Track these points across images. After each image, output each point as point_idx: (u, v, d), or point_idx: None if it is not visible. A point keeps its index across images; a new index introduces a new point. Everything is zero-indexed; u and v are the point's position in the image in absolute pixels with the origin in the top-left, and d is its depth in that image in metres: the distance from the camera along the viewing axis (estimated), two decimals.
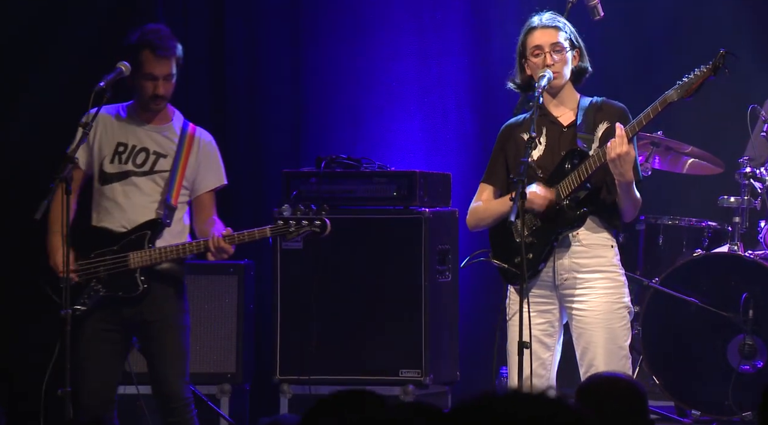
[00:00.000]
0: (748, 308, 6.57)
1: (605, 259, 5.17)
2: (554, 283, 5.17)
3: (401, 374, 6.67)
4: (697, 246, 6.95)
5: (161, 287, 5.47)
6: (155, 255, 5.42)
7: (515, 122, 5.32)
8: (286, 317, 6.77)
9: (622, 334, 5.15)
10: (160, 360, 5.45)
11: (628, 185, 5.06)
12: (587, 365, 5.15)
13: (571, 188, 5.13)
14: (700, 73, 5.04)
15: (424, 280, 6.71)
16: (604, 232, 5.19)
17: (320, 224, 5.40)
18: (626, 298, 5.19)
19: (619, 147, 4.98)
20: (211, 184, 5.58)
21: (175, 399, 5.43)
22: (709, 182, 7.26)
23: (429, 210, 6.79)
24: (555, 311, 5.20)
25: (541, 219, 5.14)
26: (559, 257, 5.15)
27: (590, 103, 5.25)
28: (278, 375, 6.75)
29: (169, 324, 5.46)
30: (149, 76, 5.45)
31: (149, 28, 5.55)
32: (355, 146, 7.52)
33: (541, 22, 5.23)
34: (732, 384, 6.50)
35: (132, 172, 5.51)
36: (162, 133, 5.56)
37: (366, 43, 7.87)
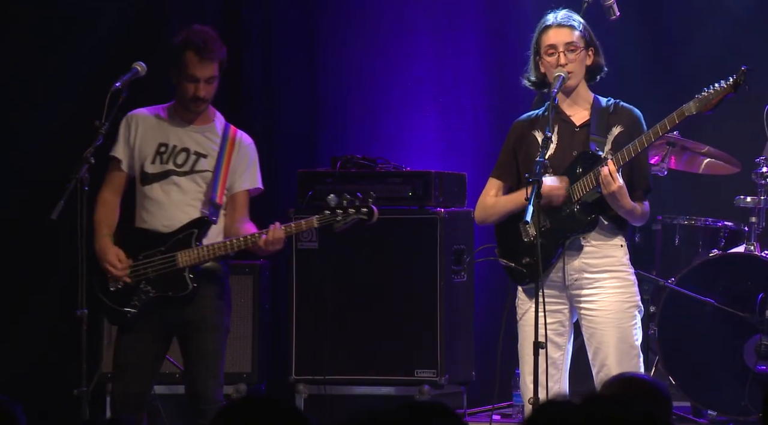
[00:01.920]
0: (765, 309, 6.55)
1: (615, 259, 5.17)
2: (564, 283, 5.17)
3: (416, 374, 6.67)
4: (713, 246, 6.94)
5: (206, 287, 5.47)
6: (203, 253, 5.42)
7: (527, 118, 5.32)
8: (302, 317, 6.78)
9: (633, 333, 5.15)
10: (194, 360, 5.44)
11: (629, 212, 5.09)
12: (599, 364, 5.15)
13: (583, 193, 5.13)
14: (720, 90, 5.03)
15: (439, 280, 6.71)
16: (613, 232, 5.19)
17: (367, 212, 5.40)
18: (636, 297, 5.19)
19: (611, 185, 5.00)
20: (246, 184, 5.58)
21: (207, 401, 5.43)
22: (725, 182, 7.24)
23: (444, 210, 6.79)
24: (565, 311, 5.20)
25: (552, 221, 5.14)
26: (569, 258, 5.15)
27: (605, 105, 5.25)
28: (294, 375, 6.76)
29: (207, 325, 5.45)
30: (191, 78, 5.46)
31: (195, 29, 5.56)
32: (370, 146, 7.52)
33: (556, 20, 5.23)
34: (748, 384, 6.49)
35: (173, 171, 5.52)
36: (203, 133, 5.57)
37: (382, 43, 7.87)
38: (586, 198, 5.14)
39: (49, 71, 7.33)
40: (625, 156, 5.07)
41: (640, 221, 5.26)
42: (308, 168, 7.03)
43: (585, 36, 5.22)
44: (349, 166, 6.96)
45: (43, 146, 7.21)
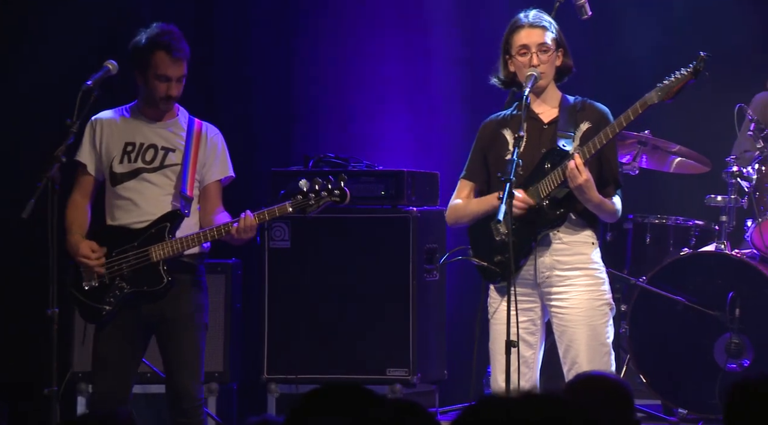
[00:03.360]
0: (735, 307, 6.58)
1: (586, 256, 5.19)
2: (536, 281, 5.19)
3: (389, 373, 6.68)
4: (684, 245, 6.96)
5: (184, 285, 5.48)
6: (177, 246, 5.43)
7: (495, 118, 5.34)
8: (274, 316, 6.77)
9: (604, 331, 5.16)
10: (174, 359, 5.44)
11: (597, 205, 5.10)
12: (570, 362, 5.16)
13: (551, 188, 5.15)
14: (681, 77, 5.07)
15: (411, 279, 6.72)
16: (584, 230, 5.21)
17: (340, 194, 5.41)
18: (608, 295, 5.21)
19: (578, 178, 5.01)
20: (218, 174, 5.60)
21: (188, 400, 5.43)
22: (696, 181, 7.28)
23: (417, 209, 6.80)
24: (537, 309, 5.21)
25: (521, 219, 5.15)
26: (540, 255, 5.17)
27: (572, 103, 5.28)
28: (266, 375, 6.75)
29: (185, 323, 5.45)
30: (163, 78, 5.47)
31: (162, 28, 5.55)
32: (343, 145, 7.52)
33: (528, 20, 5.25)
34: (718, 382, 6.52)
35: (142, 169, 5.53)
36: (168, 129, 5.59)
37: (354, 43, 7.87)
38: (555, 194, 5.16)
39: (20, 70, 7.30)
40: (591, 149, 5.09)
41: (612, 217, 5.27)
42: (282, 167, 7.02)
43: (556, 37, 5.25)
44: (321, 165, 6.96)
45: (14, 144, 7.18)
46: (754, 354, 6.57)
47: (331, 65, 7.87)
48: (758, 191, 6.64)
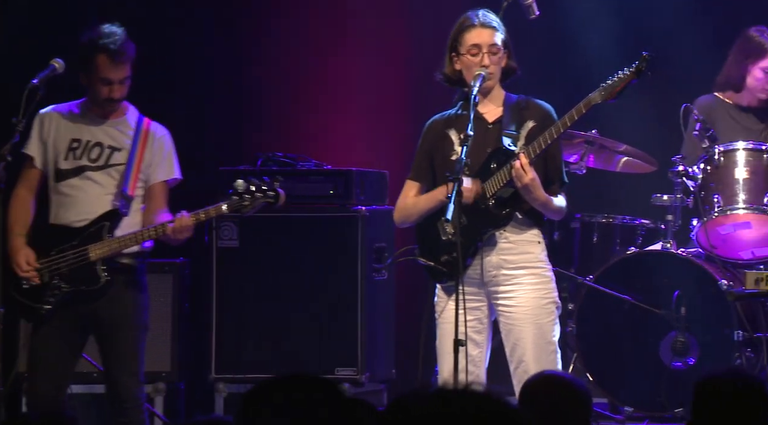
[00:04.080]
0: (680, 306, 6.63)
1: (532, 255, 5.21)
2: (482, 280, 5.20)
3: (337, 372, 6.68)
4: (630, 244, 7.01)
5: (123, 285, 5.46)
6: (115, 245, 5.42)
7: (440, 118, 5.36)
8: (222, 315, 6.76)
9: (550, 329, 5.19)
10: (114, 359, 5.44)
11: (543, 204, 5.12)
12: (517, 361, 5.18)
13: (497, 188, 5.17)
14: (624, 77, 5.11)
15: (360, 278, 6.73)
16: (530, 229, 5.23)
17: (274, 195, 5.43)
18: (554, 293, 5.24)
19: (524, 177, 5.04)
20: (163, 175, 5.59)
21: (128, 399, 5.43)
22: (642, 181, 7.32)
23: (365, 209, 6.81)
24: (484, 308, 5.23)
25: (468, 218, 5.17)
26: (486, 255, 5.19)
27: (516, 102, 5.30)
28: (214, 374, 6.74)
29: (124, 323, 5.45)
30: (106, 81, 5.46)
31: (105, 31, 5.52)
32: (292, 144, 7.51)
33: (479, 20, 5.27)
34: (664, 380, 6.57)
35: (87, 167, 5.52)
36: (116, 127, 5.57)
37: (304, 42, 7.86)
38: (501, 194, 5.19)
39: None
40: (536, 148, 5.12)
41: (557, 215, 5.30)
42: (230, 166, 7.01)
43: (505, 38, 5.27)
44: (270, 164, 6.95)
45: None
46: (699, 352, 6.62)
47: (282, 64, 7.86)
48: (704, 190, 6.69)
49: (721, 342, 6.57)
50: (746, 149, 6.69)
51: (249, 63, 7.87)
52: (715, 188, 6.67)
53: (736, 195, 6.63)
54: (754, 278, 5.35)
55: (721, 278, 6.59)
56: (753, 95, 7.10)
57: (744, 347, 6.57)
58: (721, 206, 6.62)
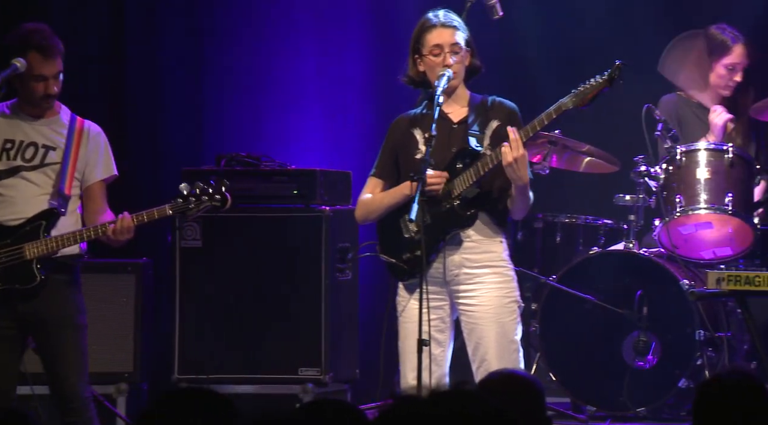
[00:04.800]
0: (643, 305, 6.66)
1: (495, 254, 5.22)
2: (445, 279, 5.21)
3: (300, 372, 6.68)
4: (593, 244, 7.03)
5: (58, 285, 5.44)
6: (51, 244, 5.40)
7: (406, 117, 5.36)
8: (185, 315, 6.74)
9: (512, 328, 5.21)
10: (58, 360, 5.41)
11: (525, 187, 5.12)
12: (480, 360, 5.19)
13: (463, 188, 5.17)
14: (596, 84, 5.12)
15: (324, 278, 6.72)
16: (493, 228, 5.24)
17: (220, 198, 5.42)
18: (516, 292, 5.25)
19: (514, 151, 5.03)
20: (101, 174, 5.57)
21: (74, 399, 5.41)
22: (605, 181, 7.35)
23: (329, 208, 6.80)
24: (446, 307, 5.24)
25: (432, 217, 5.17)
26: (449, 253, 5.19)
27: (481, 101, 5.31)
28: (176, 374, 6.72)
29: (66, 323, 5.43)
30: (40, 78, 5.44)
31: (31, 28, 5.51)
32: (255, 144, 7.50)
33: (439, 20, 5.27)
34: (627, 380, 6.60)
35: (22, 167, 5.50)
36: (49, 126, 5.56)
37: (265, 40, 7.85)
38: (467, 194, 5.19)
39: None
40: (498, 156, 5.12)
41: (525, 209, 5.27)
42: (193, 166, 6.98)
43: (467, 37, 5.28)
44: (233, 164, 6.94)
45: None
46: (661, 352, 6.66)
47: (244, 63, 7.84)
48: (666, 190, 6.73)
49: (682, 342, 6.61)
50: (708, 149, 6.72)
51: (211, 63, 7.85)
52: (677, 188, 6.70)
53: (697, 195, 6.66)
54: (716, 278, 5.37)
55: (683, 277, 6.62)
56: (716, 93, 7.15)
57: (705, 346, 6.61)
58: (683, 207, 6.66)
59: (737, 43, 7.06)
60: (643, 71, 7.59)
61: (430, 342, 5.07)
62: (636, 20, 7.78)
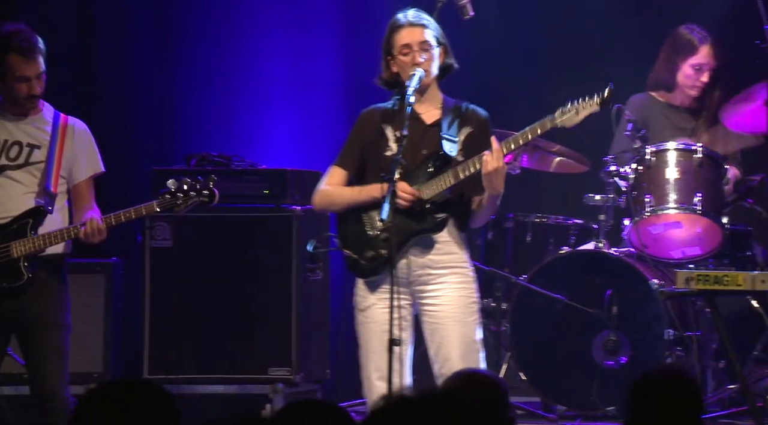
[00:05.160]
0: (612, 305, 6.68)
1: (457, 256, 5.23)
2: (408, 279, 5.21)
3: (271, 372, 6.67)
4: (563, 244, 7.05)
5: (45, 283, 5.43)
6: (38, 242, 5.39)
7: (375, 109, 5.33)
8: (155, 316, 6.73)
9: (474, 328, 5.22)
10: (41, 359, 5.40)
11: (497, 197, 5.14)
12: (443, 360, 5.19)
13: (435, 193, 5.17)
14: (587, 107, 5.11)
15: (294, 278, 6.72)
16: (457, 231, 5.25)
17: (208, 194, 5.42)
18: (476, 294, 5.27)
19: (495, 162, 5.04)
20: (88, 172, 5.57)
21: (53, 399, 5.40)
22: (575, 181, 7.37)
23: (300, 208, 6.80)
24: (408, 307, 5.24)
25: (400, 218, 5.17)
26: (413, 254, 5.19)
27: (454, 106, 5.30)
28: (146, 374, 6.70)
29: (51, 322, 5.42)
30: (23, 79, 5.43)
31: (10, 29, 5.49)
32: (225, 144, 7.48)
33: (407, 19, 5.27)
34: (596, 379, 6.62)
35: (6, 166, 5.49)
36: (33, 124, 5.55)
37: (237, 41, 7.84)
38: (437, 199, 5.19)
39: None
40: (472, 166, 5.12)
41: (487, 218, 5.33)
42: (163, 166, 6.97)
43: (437, 35, 5.28)
44: (204, 164, 6.93)
45: None
46: (631, 351, 6.68)
47: (215, 63, 7.83)
48: (635, 190, 6.75)
49: (652, 341, 6.64)
50: (677, 149, 6.75)
51: (181, 62, 7.83)
52: (646, 188, 6.72)
53: (667, 195, 6.69)
54: (685, 278, 5.39)
55: (653, 277, 6.65)
56: (684, 93, 7.18)
57: (674, 346, 6.64)
58: (652, 206, 6.68)
59: (704, 44, 7.10)
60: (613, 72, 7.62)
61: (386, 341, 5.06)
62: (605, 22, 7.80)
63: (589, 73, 7.14)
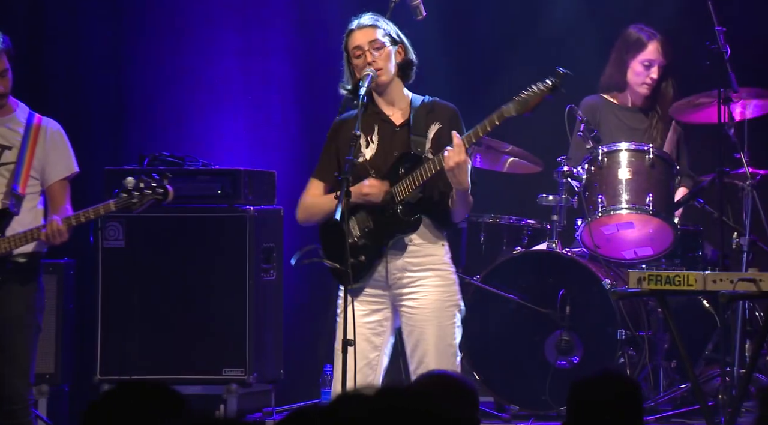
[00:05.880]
0: (565, 305, 6.71)
1: (437, 257, 5.22)
2: (387, 283, 5.20)
3: (224, 373, 6.65)
4: (517, 244, 7.07)
5: (18, 284, 5.38)
6: (4, 244, 5.34)
7: (348, 117, 5.32)
8: (108, 316, 6.69)
9: (452, 332, 5.19)
10: (5, 361, 5.35)
11: (465, 192, 5.12)
12: (418, 361, 5.18)
13: (406, 193, 5.16)
14: (539, 91, 5.10)
15: (248, 278, 6.70)
16: (435, 231, 5.24)
17: (163, 192, 5.40)
18: (457, 296, 5.23)
19: (456, 156, 5.02)
20: (62, 173, 5.54)
21: (16, 401, 5.37)
22: (528, 181, 7.40)
23: (254, 208, 6.78)
24: (386, 311, 5.22)
25: (375, 222, 5.17)
26: (391, 257, 5.18)
27: (422, 103, 5.29)
28: (99, 376, 6.67)
29: (17, 322, 5.39)
30: None
31: None
32: (178, 144, 7.46)
33: (359, 23, 5.27)
34: (549, 379, 6.65)
35: None
36: (5, 125, 5.51)
37: (189, 40, 7.81)
38: (409, 199, 5.18)
39: None
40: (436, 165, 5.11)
41: (465, 212, 5.28)
42: (115, 166, 6.93)
43: (389, 33, 5.26)
44: (156, 164, 6.90)
45: None
46: (584, 351, 6.71)
47: (167, 63, 7.79)
48: (588, 190, 6.79)
49: (604, 341, 6.67)
50: (629, 150, 6.79)
51: (133, 62, 7.79)
52: (599, 188, 6.76)
53: (619, 195, 6.73)
54: (637, 278, 5.42)
55: (605, 277, 6.69)
56: (636, 92, 7.23)
57: (626, 345, 6.68)
58: (604, 207, 6.72)
59: (653, 40, 7.15)
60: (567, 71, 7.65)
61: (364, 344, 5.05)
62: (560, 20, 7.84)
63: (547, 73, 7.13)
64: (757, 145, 6.80)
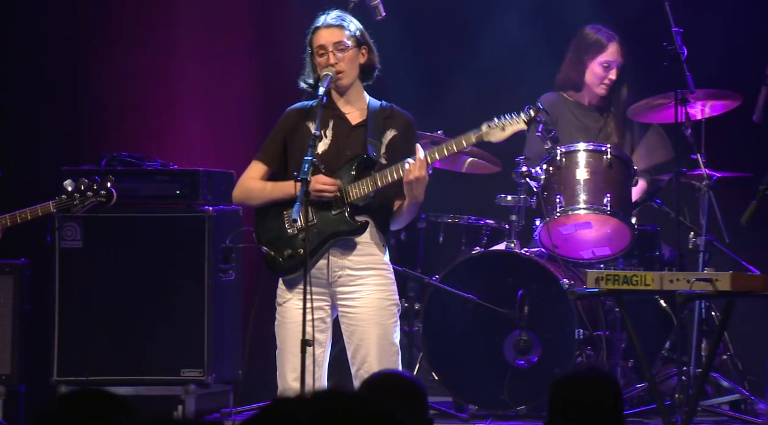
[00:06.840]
0: (524, 305, 6.73)
1: (377, 257, 5.23)
2: (327, 280, 5.20)
3: (183, 373, 6.63)
4: (475, 244, 7.09)
5: None
6: None
7: (302, 107, 5.31)
8: (65, 317, 6.65)
9: (392, 331, 5.22)
10: None
11: (418, 205, 5.15)
12: (360, 361, 5.19)
13: (358, 195, 5.17)
14: (514, 123, 5.15)
15: (207, 279, 6.69)
16: (377, 232, 5.25)
17: (106, 194, 5.37)
18: (396, 296, 5.27)
19: (418, 171, 5.05)
20: None
21: None
22: (487, 181, 7.42)
23: (212, 209, 6.77)
24: (327, 308, 5.24)
25: (321, 220, 5.17)
26: (332, 255, 5.19)
27: (380, 107, 5.30)
28: (56, 376, 6.63)
29: None
30: None
31: None
32: (137, 143, 7.42)
33: (325, 21, 5.26)
34: (507, 379, 6.66)
35: None
36: None
37: (149, 39, 7.78)
38: (358, 202, 5.19)
39: None
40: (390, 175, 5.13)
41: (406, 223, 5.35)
42: (73, 166, 6.89)
43: (355, 35, 5.26)
44: (114, 163, 6.87)
45: None
46: (542, 350, 6.74)
47: (127, 62, 7.76)
48: (546, 190, 6.81)
49: (562, 341, 6.70)
50: (587, 150, 6.83)
51: (92, 61, 7.75)
52: (557, 188, 6.79)
53: (577, 196, 6.76)
54: (595, 278, 5.45)
55: (563, 277, 6.71)
56: (593, 92, 7.27)
57: (584, 345, 6.71)
58: (563, 207, 6.75)
59: (612, 42, 7.20)
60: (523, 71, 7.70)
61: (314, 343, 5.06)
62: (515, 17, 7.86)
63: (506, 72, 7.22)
64: (713, 146, 6.85)
